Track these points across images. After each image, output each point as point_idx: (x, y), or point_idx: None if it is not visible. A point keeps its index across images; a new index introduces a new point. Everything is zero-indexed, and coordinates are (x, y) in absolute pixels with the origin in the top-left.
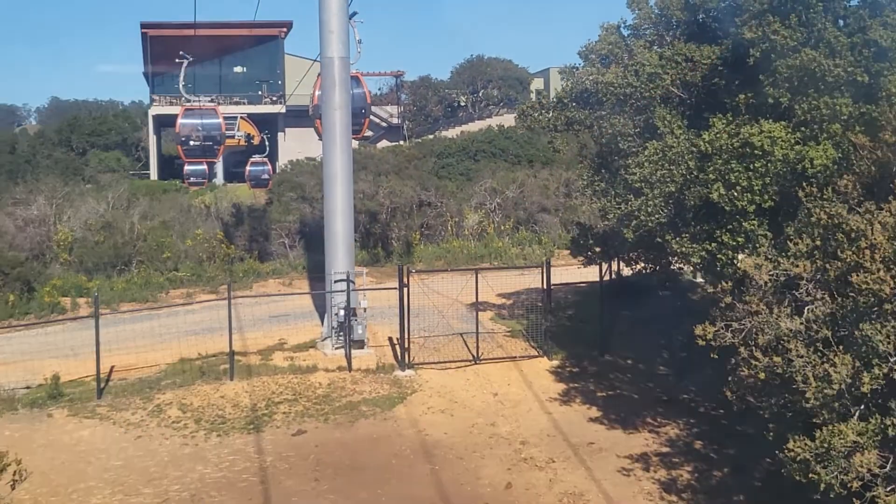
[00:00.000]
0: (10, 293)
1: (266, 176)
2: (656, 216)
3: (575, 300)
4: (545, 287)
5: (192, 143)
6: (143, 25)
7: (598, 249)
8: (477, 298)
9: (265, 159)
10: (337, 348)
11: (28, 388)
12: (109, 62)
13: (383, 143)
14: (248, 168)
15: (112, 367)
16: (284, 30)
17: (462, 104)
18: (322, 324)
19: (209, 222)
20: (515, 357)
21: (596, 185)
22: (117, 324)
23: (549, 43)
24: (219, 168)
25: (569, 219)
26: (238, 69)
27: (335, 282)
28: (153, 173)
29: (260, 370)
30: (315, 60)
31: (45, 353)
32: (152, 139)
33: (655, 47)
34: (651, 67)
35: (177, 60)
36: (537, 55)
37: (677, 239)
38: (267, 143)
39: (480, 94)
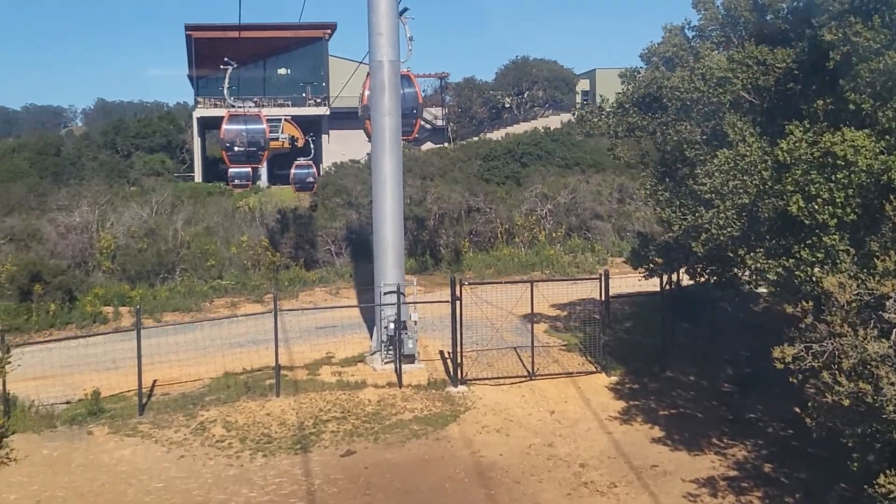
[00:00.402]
0: (52, 302)
1: (311, 179)
2: (728, 230)
3: (632, 312)
4: (603, 299)
5: (236, 148)
6: (188, 28)
7: (659, 261)
8: (532, 311)
9: (310, 162)
10: (386, 363)
11: (68, 403)
12: (155, 64)
13: (428, 146)
14: (292, 171)
15: (154, 381)
16: (329, 31)
17: (507, 106)
18: (370, 337)
19: (254, 228)
20: (572, 373)
21: (660, 194)
22: (160, 335)
23: (594, 44)
24: (263, 171)
25: (622, 225)
26: (282, 71)
27: (384, 294)
28: (197, 175)
29: (307, 386)
30: (361, 63)
31: (85, 366)
32: (197, 141)
33: (722, 50)
34: (720, 71)
35: (221, 66)
36: (583, 56)
37: (751, 254)
38: (312, 145)
39: (525, 96)
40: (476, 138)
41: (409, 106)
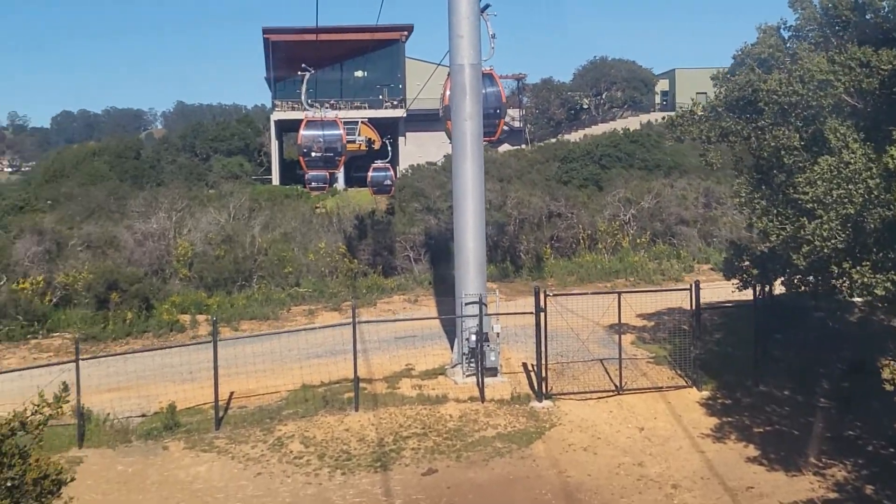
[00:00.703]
0: (128, 310)
1: (388, 182)
2: (832, 241)
3: (721, 322)
4: (694, 310)
5: (313, 154)
6: (265, 31)
7: (755, 272)
8: (620, 322)
9: (388, 165)
10: (468, 376)
11: (144, 416)
12: (233, 67)
13: (505, 147)
14: (370, 174)
15: (231, 393)
16: (405, 33)
17: (585, 107)
18: (451, 348)
19: (331, 234)
20: (662, 387)
21: (756, 202)
22: (237, 344)
23: (673, 43)
24: (340, 173)
25: (708, 231)
26: (359, 73)
27: (466, 304)
28: (275, 178)
29: (386, 400)
30: (439, 65)
31: (161, 376)
32: (274, 144)
33: (821, 51)
34: (821, 73)
35: (299, 73)
36: (662, 56)
37: (857, 268)
38: (389, 147)
39: (604, 97)
40: (553, 140)
41: (491, 106)
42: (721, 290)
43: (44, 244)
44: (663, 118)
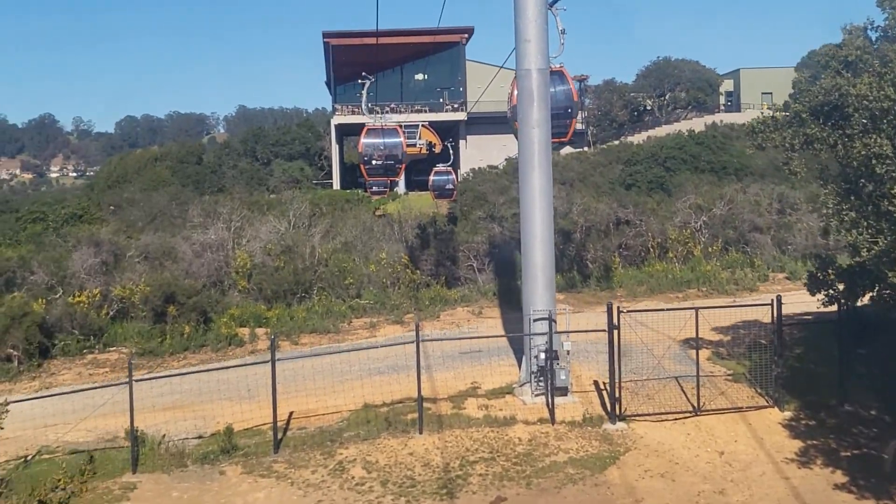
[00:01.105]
0: (186, 324)
1: (450, 186)
2: None
3: (802, 336)
4: (775, 325)
5: (374, 162)
6: (326, 35)
7: (841, 287)
8: (697, 340)
9: (449, 169)
10: (537, 395)
11: (200, 437)
12: (294, 70)
13: (567, 150)
14: (431, 177)
15: (291, 413)
16: (466, 36)
17: (648, 108)
18: (518, 364)
19: (392, 242)
20: (741, 407)
21: (844, 213)
22: (297, 359)
23: (737, 43)
24: (400, 177)
25: (782, 238)
26: (419, 77)
27: (534, 321)
28: (336, 183)
29: (452, 421)
30: (502, 67)
31: (219, 393)
32: (335, 148)
33: None
34: None
35: (360, 81)
36: (725, 55)
37: None
38: (451, 151)
39: (667, 98)
40: (616, 142)
41: (562, 105)
42: (799, 301)
43: (101, 255)
44: (721, 121)
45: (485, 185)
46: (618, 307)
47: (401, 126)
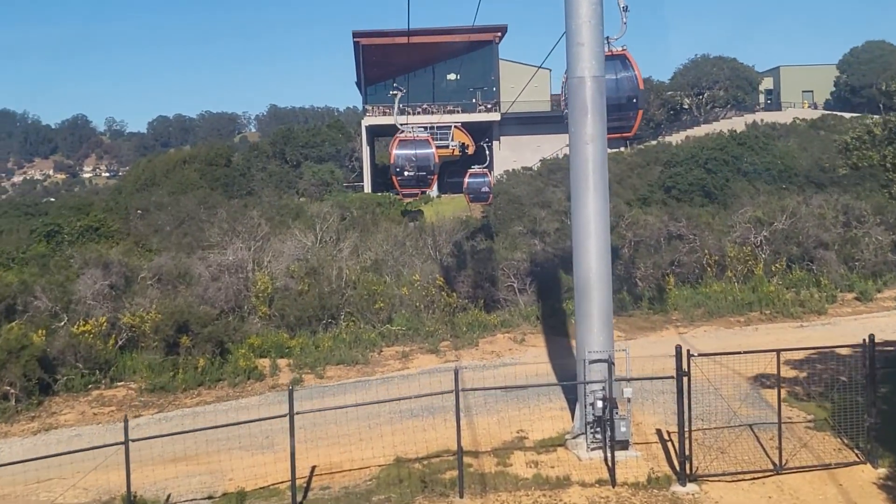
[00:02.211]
0: (200, 356)
1: (486, 189)
2: None
3: (887, 371)
4: (867, 366)
5: (406, 173)
6: (356, 35)
7: None
8: (779, 391)
9: (485, 171)
10: (593, 449)
11: (210, 498)
12: (325, 69)
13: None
14: (466, 180)
15: (313, 468)
16: (499, 34)
17: (686, 107)
18: (570, 409)
19: (425, 257)
20: (829, 464)
21: None
22: (322, 395)
23: (777, 40)
24: (432, 188)
25: (849, 254)
26: (451, 76)
27: (590, 363)
28: (367, 185)
29: (497, 481)
30: (540, 67)
31: (234, 441)
32: (366, 150)
33: None
34: None
35: (390, 93)
36: (764, 53)
37: None
38: (488, 152)
39: (705, 97)
40: (654, 142)
41: (626, 94)
42: (875, 327)
43: (110, 278)
44: (762, 120)
45: (519, 187)
46: (688, 351)
47: (433, 136)
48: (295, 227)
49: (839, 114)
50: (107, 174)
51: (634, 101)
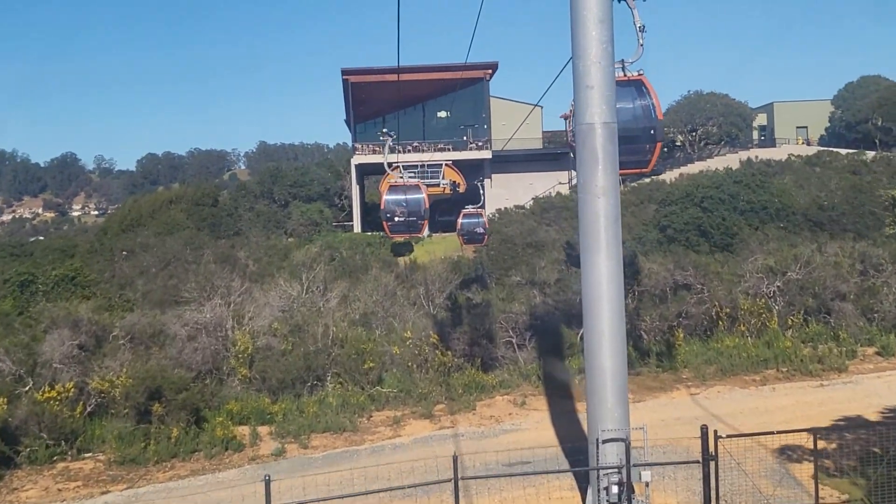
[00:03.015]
0: (174, 426)
1: (481, 230)
2: None
3: None
4: None
5: (396, 219)
6: (345, 72)
7: None
8: (816, 477)
9: (480, 211)
10: None
11: None
12: (315, 106)
13: None
14: (460, 220)
15: None
16: (490, 71)
17: (678, 144)
18: (580, 490)
19: (418, 309)
20: None
21: None
22: (307, 468)
23: (770, 75)
24: (423, 233)
25: (867, 304)
26: (442, 114)
27: (603, 442)
28: (356, 225)
29: None
30: (524, 103)
31: None
32: (355, 189)
33: None
34: None
35: (381, 137)
36: (756, 88)
37: None
38: (482, 191)
39: (699, 133)
40: (648, 180)
41: (642, 125)
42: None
43: (79, 338)
44: (757, 157)
45: (511, 226)
46: (715, 432)
47: (423, 174)
48: (280, 276)
49: (834, 150)
50: (95, 212)
51: (652, 132)
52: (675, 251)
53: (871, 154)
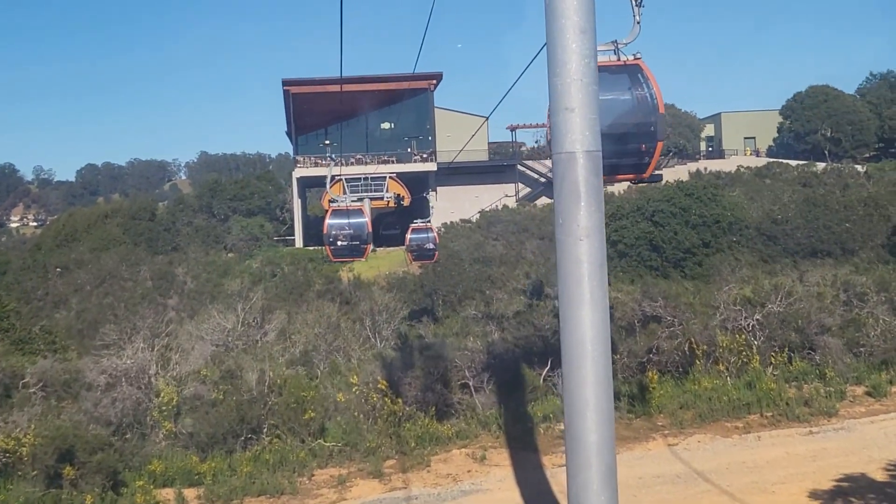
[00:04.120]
0: (88, 492)
1: (431, 245)
2: None
3: None
4: None
5: (339, 243)
6: (286, 83)
7: None
8: None
9: (429, 225)
10: None
11: None
12: (257, 116)
13: (543, 201)
14: (409, 236)
15: None
16: (434, 82)
17: None
18: None
19: (363, 341)
20: None
21: None
22: None
23: (716, 86)
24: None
25: (852, 338)
26: (385, 125)
27: None
28: (298, 240)
29: None
30: (487, 118)
31: None
32: (297, 202)
33: None
34: None
35: (323, 162)
36: (703, 99)
37: None
38: (431, 205)
39: None
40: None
41: (640, 119)
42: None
43: None
44: (706, 168)
45: (458, 240)
46: None
47: (365, 207)
48: (213, 306)
49: (784, 161)
50: (34, 223)
51: (652, 129)
52: (633, 271)
53: (821, 165)
